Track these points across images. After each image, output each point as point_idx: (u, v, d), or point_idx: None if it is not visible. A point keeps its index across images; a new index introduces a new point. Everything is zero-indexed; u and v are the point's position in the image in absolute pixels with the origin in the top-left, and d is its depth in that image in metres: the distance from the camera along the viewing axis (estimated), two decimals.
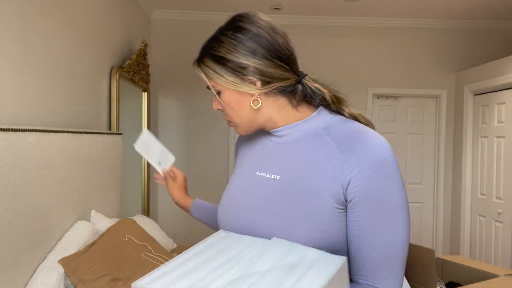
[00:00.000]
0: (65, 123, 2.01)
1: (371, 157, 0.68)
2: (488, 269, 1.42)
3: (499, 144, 3.18)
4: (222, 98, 0.79)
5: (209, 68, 0.77)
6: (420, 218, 3.89)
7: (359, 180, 0.68)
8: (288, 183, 0.74)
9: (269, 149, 0.82)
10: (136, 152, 1.18)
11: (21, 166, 1.44)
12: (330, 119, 0.78)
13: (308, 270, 0.58)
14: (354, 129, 0.74)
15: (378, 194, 0.67)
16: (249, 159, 0.87)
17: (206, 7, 3.51)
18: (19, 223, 1.45)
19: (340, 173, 0.69)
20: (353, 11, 3.55)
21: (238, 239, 0.71)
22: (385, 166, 0.68)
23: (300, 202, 0.71)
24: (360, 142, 0.70)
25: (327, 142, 0.74)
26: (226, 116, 0.83)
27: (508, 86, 3.09)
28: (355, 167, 0.68)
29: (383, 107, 3.86)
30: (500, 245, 3.14)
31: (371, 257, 0.69)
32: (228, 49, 0.74)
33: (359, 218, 0.69)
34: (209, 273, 0.59)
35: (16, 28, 1.57)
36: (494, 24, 3.75)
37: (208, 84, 0.81)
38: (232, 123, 0.83)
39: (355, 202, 0.68)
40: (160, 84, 3.69)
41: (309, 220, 0.69)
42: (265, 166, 0.81)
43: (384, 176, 0.68)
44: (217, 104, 0.82)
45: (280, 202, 0.73)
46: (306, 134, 0.77)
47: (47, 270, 1.57)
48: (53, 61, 1.88)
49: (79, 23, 2.16)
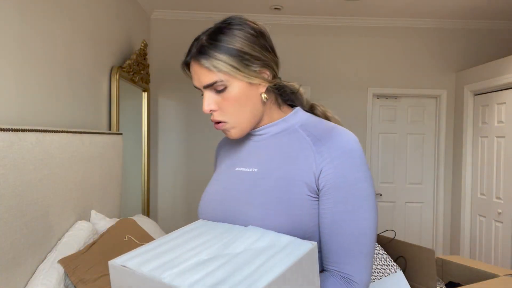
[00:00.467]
0: (65, 123, 2.01)
1: (340, 147, 0.75)
2: (488, 269, 1.42)
3: (499, 144, 3.18)
4: (229, 94, 0.77)
5: (222, 62, 0.75)
6: (420, 218, 3.89)
7: (329, 169, 0.74)
8: (265, 174, 0.80)
9: (248, 146, 0.87)
10: (136, 152, 1.18)
11: (21, 166, 1.44)
12: (306, 118, 0.85)
13: (277, 253, 0.61)
14: (327, 125, 0.81)
15: (345, 182, 0.73)
16: (229, 158, 0.91)
17: (206, 7, 3.51)
18: (19, 223, 1.45)
19: (313, 163, 0.75)
20: (353, 11, 3.55)
21: (215, 226, 0.75)
22: (353, 157, 0.74)
23: (275, 190, 0.76)
24: (331, 136, 0.77)
25: (302, 136, 0.81)
26: (223, 115, 0.80)
27: (508, 86, 3.09)
28: (326, 157, 0.74)
29: (383, 107, 3.86)
30: (500, 245, 3.14)
31: (340, 244, 0.73)
32: (244, 42, 0.77)
33: (329, 205, 0.74)
34: (184, 253, 0.62)
35: (16, 28, 1.58)
36: (494, 24, 3.75)
37: (204, 83, 0.78)
38: (226, 124, 0.81)
39: (325, 190, 0.74)
40: (160, 84, 3.69)
41: (283, 206, 0.74)
42: (244, 161, 0.85)
43: (352, 165, 0.74)
44: (212, 103, 0.79)
45: (256, 191, 0.78)
46: (283, 131, 0.84)
47: (47, 270, 1.57)
48: (53, 61, 1.88)
49: (79, 23, 2.16)
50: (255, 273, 0.55)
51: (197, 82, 0.80)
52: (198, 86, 0.81)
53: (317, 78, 3.78)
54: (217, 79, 0.76)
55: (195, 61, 0.79)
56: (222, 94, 0.78)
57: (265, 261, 0.59)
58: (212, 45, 0.77)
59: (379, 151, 3.86)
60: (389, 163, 3.86)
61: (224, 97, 0.78)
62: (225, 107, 0.79)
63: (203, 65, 0.77)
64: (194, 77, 0.81)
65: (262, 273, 0.55)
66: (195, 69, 0.79)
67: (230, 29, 0.78)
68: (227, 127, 0.82)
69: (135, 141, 3.22)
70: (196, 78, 0.80)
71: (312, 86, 3.78)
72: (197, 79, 0.80)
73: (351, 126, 3.79)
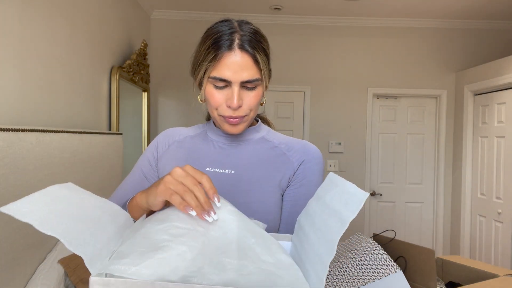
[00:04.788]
0: (65, 123, 2.01)
1: (311, 153, 0.89)
2: (488, 269, 1.42)
3: (499, 144, 3.18)
4: (255, 92, 0.80)
5: (263, 61, 0.79)
6: (420, 218, 3.89)
7: (301, 169, 0.87)
8: (243, 177, 0.86)
9: (218, 149, 0.91)
10: (136, 152, 1.18)
11: (21, 166, 1.44)
12: (268, 130, 0.95)
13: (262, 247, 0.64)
14: (290, 137, 0.94)
15: (311, 180, 0.87)
16: (185, 160, 0.91)
17: (206, 7, 3.51)
18: (19, 223, 1.45)
19: (289, 166, 0.88)
20: (353, 11, 3.55)
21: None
22: (320, 163, 0.89)
23: (254, 191, 0.84)
24: (302, 144, 0.91)
25: (273, 144, 0.91)
26: (246, 111, 0.81)
27: (508, 86, 3.09)
28: (301, 161, 0.88)
29: (383, 107, 3.86)
30: (500, 245, 3.14)
31: (295, 218, 0.85)
32: (268, 47, 0.83)
33: (293, 195, 0.87)
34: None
35: (16, 28, 1.58)
36: (494, 24, 3.75)
37: (247, 77, 0.77)
38: (246, 117, 0.82)
39: (293, 184, 0.87)
40: (160, 84, 3.69)
41: (263, 206, 0.83)
42: (215, 162, 0.89)
43: (318, 170, 0.89)
44: (241, 99, 0.79)
45: (237, 191, 0.84)
46: (254, 138, 0.92)
47: (47, 270, 1.57)
48: (53, 61, 1.88)
49: (79, 23, 2.16)
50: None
51: (235, 75, 0.76)
52: (232, 79, 0.76)
53: (317, 78, 3.78)
54: (259, 77, 0.78)
55: (245, 52, 0.76)
56: (250, 92, 0.79)
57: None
58: (257, 41, 0.78)
59: (379, 151, 3.86)
60: (389, 163, 3.86)
61: (251, 95, 0.80)
62: (250, 104, 0.80)
63: (256, 60, 0.77)
64: (233, 68, 0.75)
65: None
66: (241, 60, 0.76)
67: (262, 34, 0.82)
68: (244, 119, 0.83)
69: (135, 141, 3.22)
70: (235, 70, 0.75)
71: (312, 86, 3.78)
72: (236, 71, 0.76)
73: (351, 126, 3.79)
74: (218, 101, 0.79)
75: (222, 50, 0.76)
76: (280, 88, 3.75)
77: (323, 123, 3.78)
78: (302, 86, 3.78)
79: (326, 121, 3.78)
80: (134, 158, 3.10)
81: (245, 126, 0.84)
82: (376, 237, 1.46)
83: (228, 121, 0.81)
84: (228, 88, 0.78)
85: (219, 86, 0.78)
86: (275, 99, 3.77)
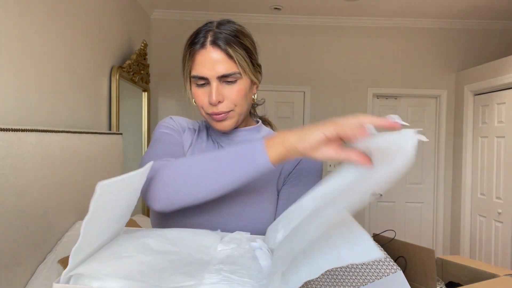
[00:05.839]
0: (65, 123, 2.01)
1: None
2: (488, 269, 1.42)
3: (499, 144, 3.18)
4: (238, 86, 0.79)
5: (240, 54, 0.79)
6: (420, 218, 3.89)
7: (298, 169, 0.88)
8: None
9: (215, 148, 0.92)
10: (136, 152, 1.18)
11: (21, 166, 1.44)
12: (269, 131, 0.95)
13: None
14: None
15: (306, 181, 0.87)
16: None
17: (206, 7, 3.51)
18: (19, 223, 1.44)
19: (287, 165, 0.88)
20: (353, 11, 3.55)
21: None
22: (317, 162, 0.89)
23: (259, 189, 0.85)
24: None
25: None
26: (228, 106, 0.80)
27: (508, 86, 3.09)
28: (299, 160, 0.88)
29: (383, 107, 3.86)
30: (500, 245, 3.14)
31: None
32: (251, 44, 0.83)
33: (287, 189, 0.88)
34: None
35: (16, 28, 1.57)
36: (494, 24, 3.75)
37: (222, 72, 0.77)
38: (231, 112, 0.81)
39: (288, 181, 0.88)
40: (160, 84, 3.69)
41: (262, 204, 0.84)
42: None
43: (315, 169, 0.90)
44: (219, 94, 0.79)
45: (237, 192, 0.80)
46: (254, 138, 0.91)
47: (47, 270, 1.57)
48: (53, 61, 1.88)
49: (79, 23, 2.16)
50: None
51: (210, 71, 0.77)
52: (208, 75, 0.78)
53: (317, 78, 3.78)
54: (236, 70, 0.78)
55: (216, 48, 0.77)
56: (231, 86, 0.79)
57: None
58: (233, 37, 0.79)
59: None
60: None
61: (232, 89, 0.79)
62: (232, 98, 0.80)
63: (228, 53, 0.78)
64: (207, 65, 0.78)
65: None
66: (213, 56, 0.77)
67: (241, 31, 0.82)
68: (230, 115, 0.82)
69: (135, 141, 3.22)
70: (210, 66, 0.77)
71: (312, 86, 3.78)
72: (211, 67, 0.77)
73: None
74: (202, 99, 0.81)
75: (196, 48, 0.79)
76: (280, 88, 3.75)
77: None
78: (302, 86, 3.78)
79: None
80: (134, 158, 3.10)
81: (233, 122, 0.83)
82: (376, 237, 1.46)
83: (214, 118, 0.82)
84: (208, 85, 0.80)
85: (200, 84, 0.80)
86: (275, 99, 3.77)
